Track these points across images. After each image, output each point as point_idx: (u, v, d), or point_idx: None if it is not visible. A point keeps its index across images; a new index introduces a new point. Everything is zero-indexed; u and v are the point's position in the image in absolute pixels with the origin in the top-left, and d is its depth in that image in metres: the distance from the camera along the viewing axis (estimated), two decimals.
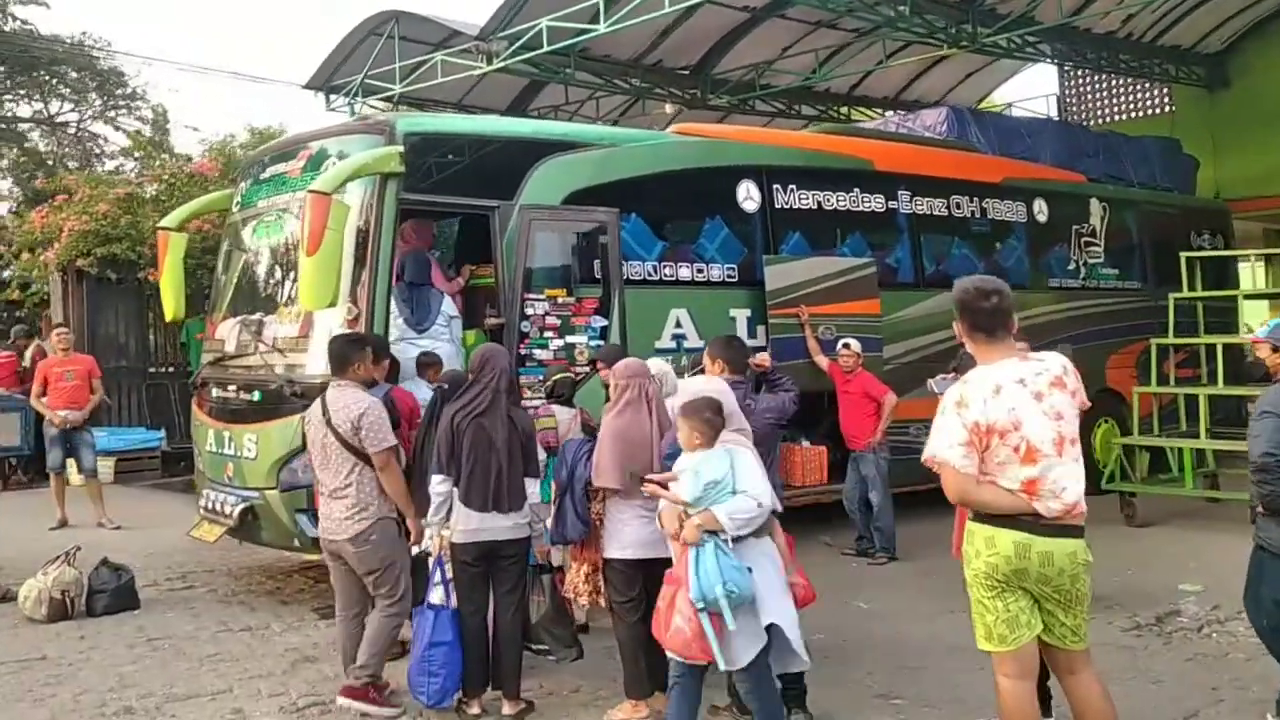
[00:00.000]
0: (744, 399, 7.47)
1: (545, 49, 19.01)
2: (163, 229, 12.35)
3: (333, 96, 23.75)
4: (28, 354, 18.11)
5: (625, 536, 7.19)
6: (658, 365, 8.02)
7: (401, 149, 10.44)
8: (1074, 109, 28.20)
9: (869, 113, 26.07)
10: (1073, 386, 5.52)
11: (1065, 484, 5.36)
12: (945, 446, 5.38)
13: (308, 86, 24.03)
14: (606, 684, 7.90)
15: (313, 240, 9.54)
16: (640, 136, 13.40)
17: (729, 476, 6.33)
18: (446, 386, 8.40)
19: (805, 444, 12.97)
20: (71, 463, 14.93)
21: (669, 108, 24.07)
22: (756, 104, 24.89)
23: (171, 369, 20.86)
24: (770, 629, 6.29)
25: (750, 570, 6.16)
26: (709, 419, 6.50)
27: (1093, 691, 5.67)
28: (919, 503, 12.21)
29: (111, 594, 10.37)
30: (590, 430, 8.50)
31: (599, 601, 7.68)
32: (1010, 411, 5.32)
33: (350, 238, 10.21)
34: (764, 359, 9.81)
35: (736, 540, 6.23)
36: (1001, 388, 5.36)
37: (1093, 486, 7.09)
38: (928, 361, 13.71)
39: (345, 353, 7.99)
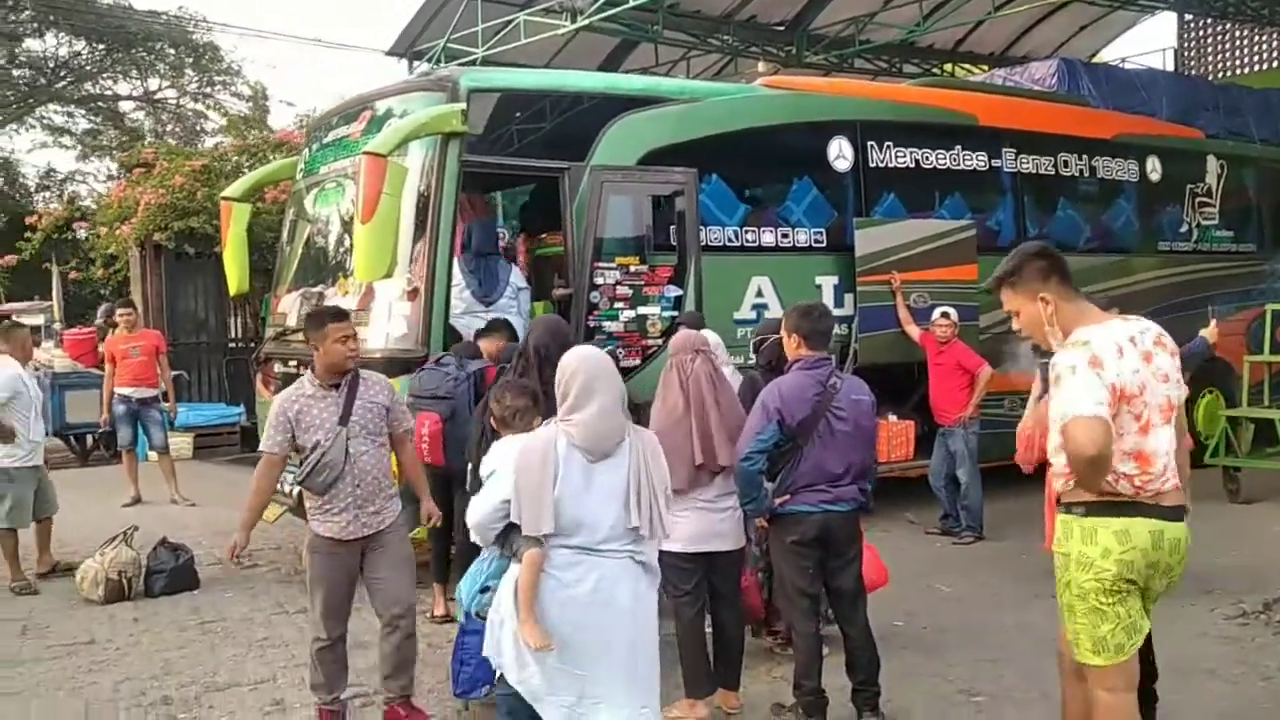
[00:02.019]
0: (828, 379, 6.55)
1: (631, 4, 18.33)
2: (226, 199, 11.96)
3: (416, 63, 23.29)
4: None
5: (681, 530, 6.52)
6: (712, 337, 7.36)
7: (464, 107, 9.86)
8: (1192, 62, 27.07)
9: (975, 69, 25.35)
10: (1172, 348, 4.83)
11: (1169, 456, 4.71)
12: (1093, 401, 4.49)
13: (390, 53, 23.68)
14: (665, 676, 7.26)
15: (368, 206, 9.04)
16: (724, 90, 12.61)
17: None
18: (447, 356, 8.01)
19: (892, 418, 12.21)
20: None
21: (762, 66, 23.35)
22: (855, 62, 24.21)
23: (251, 344, 20.36)
24: None
25: None
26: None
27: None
28: (1008, 480, 11.51)
29: (169, 574, 10.07)
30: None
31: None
32: (1135, 374, 4.62)
33: (409, 203, 9.67)
34: None
35: None
36: (1122, 348, 4.63)
37: (1194, 460, 6.29)
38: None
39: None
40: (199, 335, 19.92)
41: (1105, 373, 4.53)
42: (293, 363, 10.68)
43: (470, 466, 6.88)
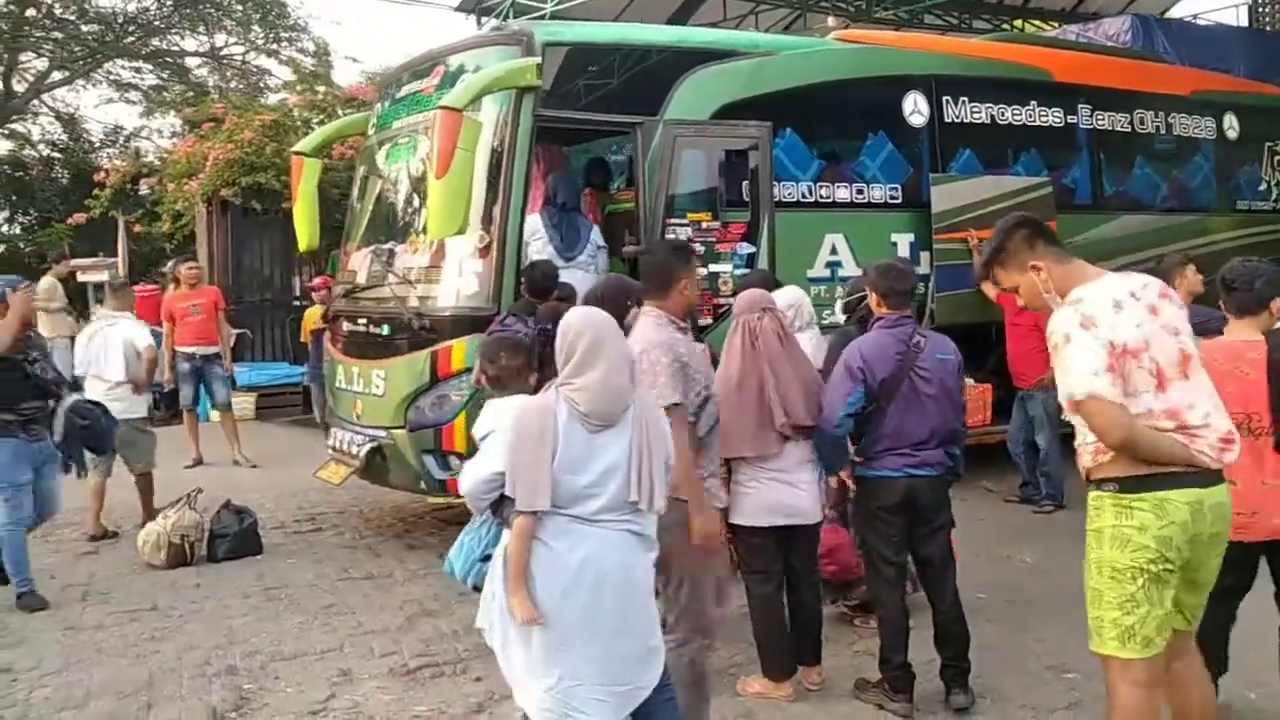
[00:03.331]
0: (911, 337, 6.35)
1: None
2: (297, 153, 11.90)
3: (484, 19, 23.13)
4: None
5: (753, 501, 6.38)
6: (790, 295, 7.17)
7: (539, 61, 9.72)
8: (1267, 18, 26.46)
9: (1045, 25, 24.93)
10: (1178, 301, 4.60)
11: (1205, 408, 4.43)
12: (1089, 374, 4.31)
13: (459, 9, 23.47)
14: (740, 650, 7.18)
15: (442, 161, 8.89)
16: (797, 44, 12.40)
17: None
18: (550, 326, 7.75)
19: (969, 381, 11.92)
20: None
21: (832, 21, 23.09)
22: (925, 17, 23.91)
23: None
24: None
25: None
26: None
27: (1201, 678, 4.87)
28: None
29: (233, 538, 9.98)
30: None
31: (733, 571, 6.90)
32: (1138, 328, 4.38)
33: (483, 158, 9.55)
34: None
35: None
36: (1120, 303, 4.41)
37: None
38: None
39: (666, 264, 6.13)
40: (263, 293, 19.84)
41: (1100, 330, 4.34)
42: (361, 320, 10.58)
43: None
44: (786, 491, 6.34)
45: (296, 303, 20.11)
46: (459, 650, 7.50)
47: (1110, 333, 4.33)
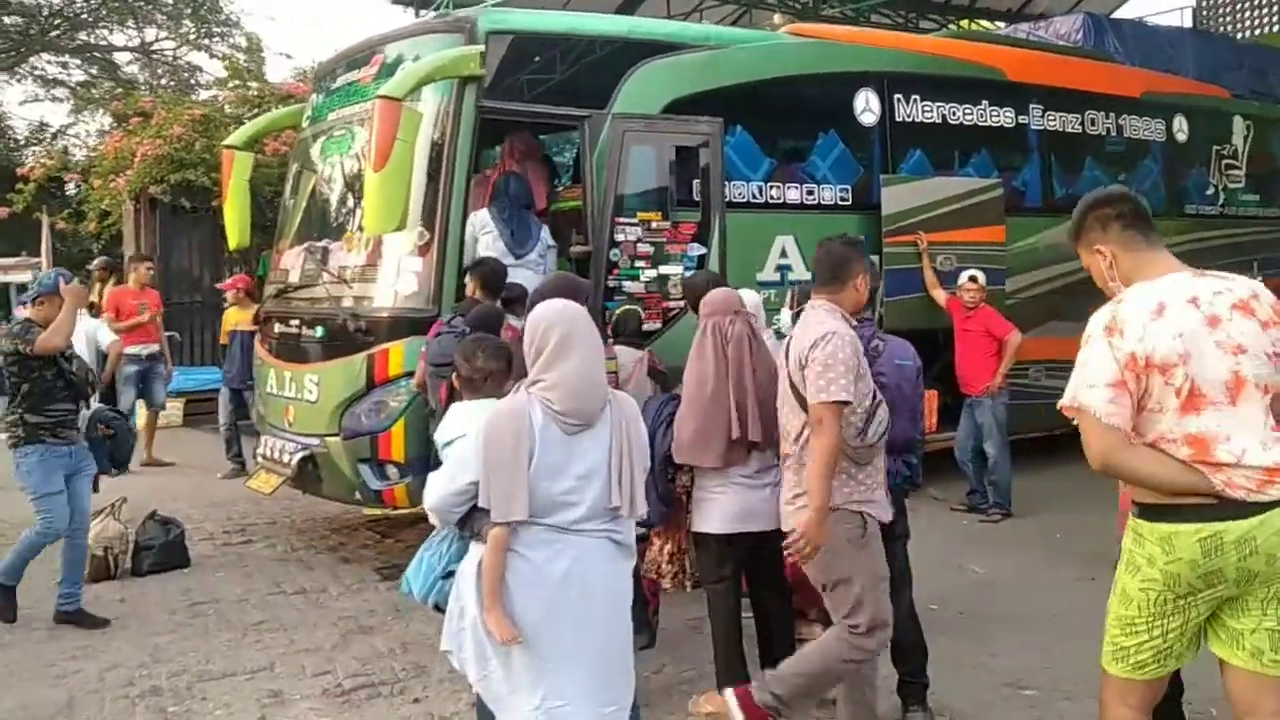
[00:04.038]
0: (869, 341, 5.91)
1: None
2: (228, 147, 11.51)
3: (423, 12, 22.78)
4: (105, 288, 17.22)
5: (719, 509, 6.08)
6: (748, 299, 6.85)
7: (483, 49, 9.39)
8: (1210, 22, 26.59)
9: (992, 25, 25.05)
10: (1265, 316, 4.05)
11: (1245, 444, 3.92)
12: (1086, 385, 4.01)
13: (397, 1, 23.12)
14: (691, 665, 6.96)
15: (380, 153, 8.54)
16: (749, 38, 12.05)
17: None
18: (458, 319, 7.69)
19: None
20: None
21: (778, 19, 22.82)
22: (872, 16, 23.97)
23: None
24: None
25: None
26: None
27: None
28: (1036, 451, 11.01)
29: (159, 551, 9.58)
30: (658, 375, 7.74)
31: (684, 584, 6.70)
32: (1177, 339, 3.94)
33: (423, 151, 9.20)
34: None
35: None
36: (1166, 307, 3.99)
37: None
38: (1054, 295, 12.61)
39: (837, 260, 5.72)
40: (193, 295, 19.25)
41: (1124, 339, 3.97)
42: (294, 322, 10.20)
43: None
44: (749, 497, 6.04)
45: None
46: (396, 670, 7.17)
47: (1135, 343, 3.96)
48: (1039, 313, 12.28)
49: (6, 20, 33.80)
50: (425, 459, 8.77)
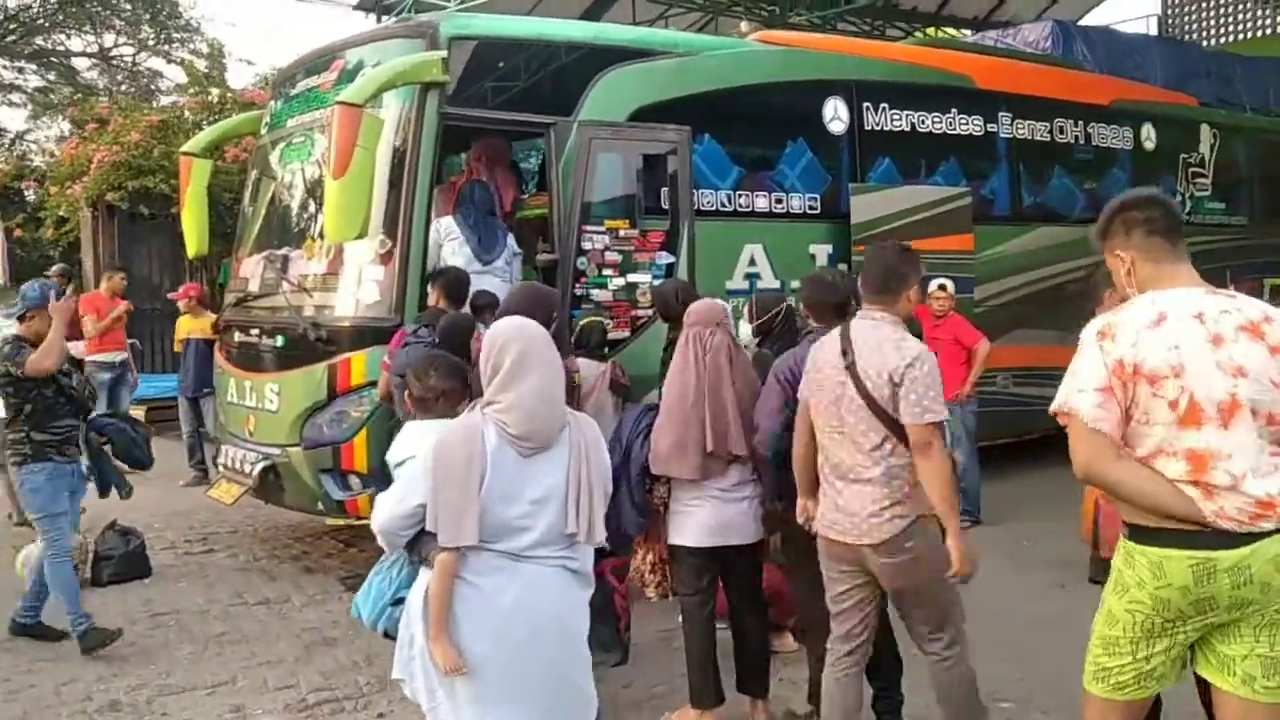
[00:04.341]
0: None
1: None
2: (185, 154, 11.29)
3: (385, 18, 22.64)
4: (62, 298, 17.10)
5: (695, 521, 5.99)
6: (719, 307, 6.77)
7: (445, 54, 9.21)
8: (1175, 30, 26.64)
9: (957, 34, 25.04)
10: (1275, 341, 3.86)
11: (1246, 471, 3.76)
12: (1075, 389, 3.89)
13: (359, 8, 23.02)
14: (662, 679, 6.84)
15: (340, 160, 8.38)
16: (718, 44, 11.90)
17: None
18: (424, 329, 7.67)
19: None
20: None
21: (745, 26, 22.83)
22: (838, 24, 23.92)
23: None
24: None
25: None
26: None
27: None
28: (1004, 459, 10.88)
29: (119, 561, 9.50)
30: (620, 389, 7.68)
31: (668, 593, 6.61)
32: (1172, 350, 3.80)
33: (384, 158, 9.07)
34: None
35: None
36: (1166, 318, 3.85)
37: None
38: (1021, 304, 12.67)
39: (895, 268, 5.49)
40: (152, 302, 18.84)
41: (1115, 345, 3.85)
42: (254, 331, 10.04)
43: None
44: (725, 511, 5.97)
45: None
46: (360, 684, 7.06)
47: (1126, 349, 3.84)
48: (1006, 321, 12.23)
49: None
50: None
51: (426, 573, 4.40)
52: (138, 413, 16.30)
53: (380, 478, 8.67)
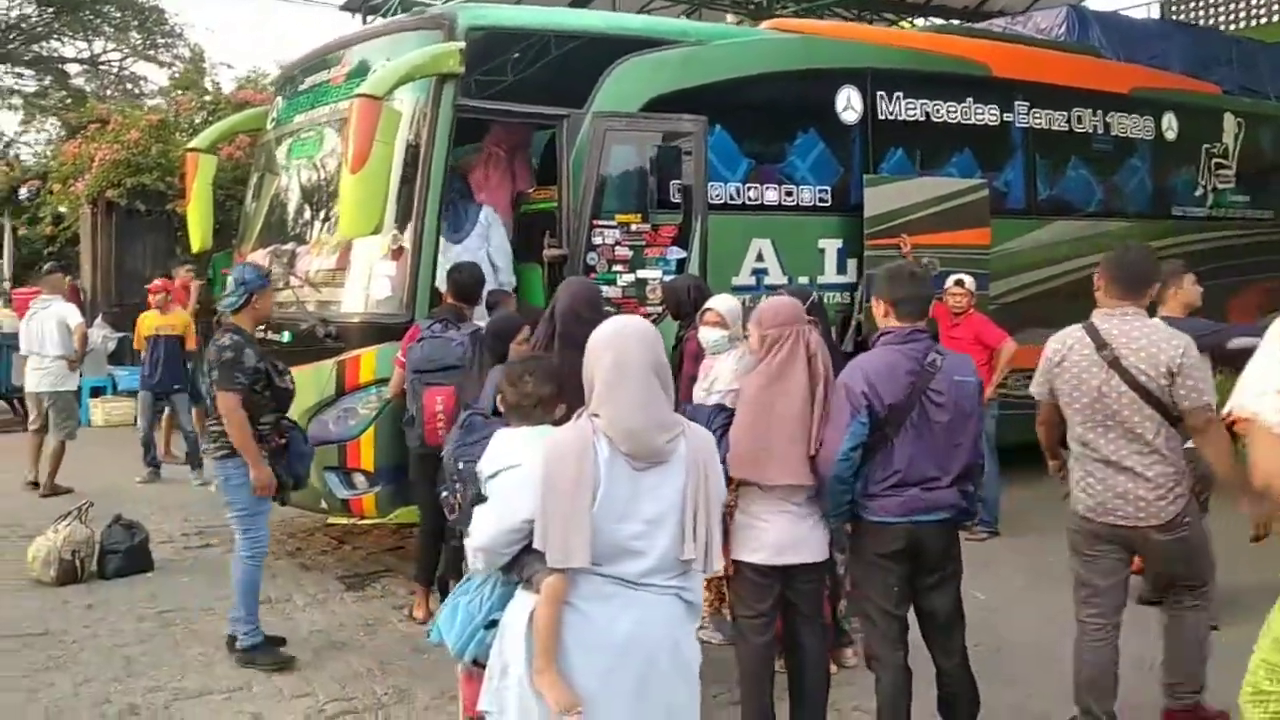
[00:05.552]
0: (925, 355, 5.40)
1: None
2: (192, 150, 11.35)
3: (370, 18, 22.48)
4: None
5: (765, 537, 5.48)
6: (729, 303, 6.65)
7: (462, 45, 9.04)
8: (1181, 16, 26.26)
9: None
10: None
11: None
12: (1254, 392, 3.60)
13: (345, 8, 22.85)
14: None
15: (358, 155, 8.27)
16: (730, 33, 11.73)
17: None
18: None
19: None
20: None
21: (731, 19, 22.52)
22: (824, 15, 23.41)
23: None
24: None
25: None
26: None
27: None
28: (1016, 466, 10.48)
29: (124, 555, 9.47)
30: None
31: (722, 611, 6.28)
32: None
33: (399, 152, 8.89)
34: None
35: None
36: None
37: None
38: (1035, 301, 12.36)
39: (1147, 267, 5.96)
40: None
41: None
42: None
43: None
44: (798, 526, 5.48)
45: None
46: (378, 693, 6.84)
47: None
48: (1020, 319, 11.70)
49: None
50: (396, 468, 8.60)
51: (526, 596, 4.07)
52: (127, 406, 17.08)
53: (387, 476, 8.58)
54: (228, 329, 7.31)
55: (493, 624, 4.37)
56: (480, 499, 4.46)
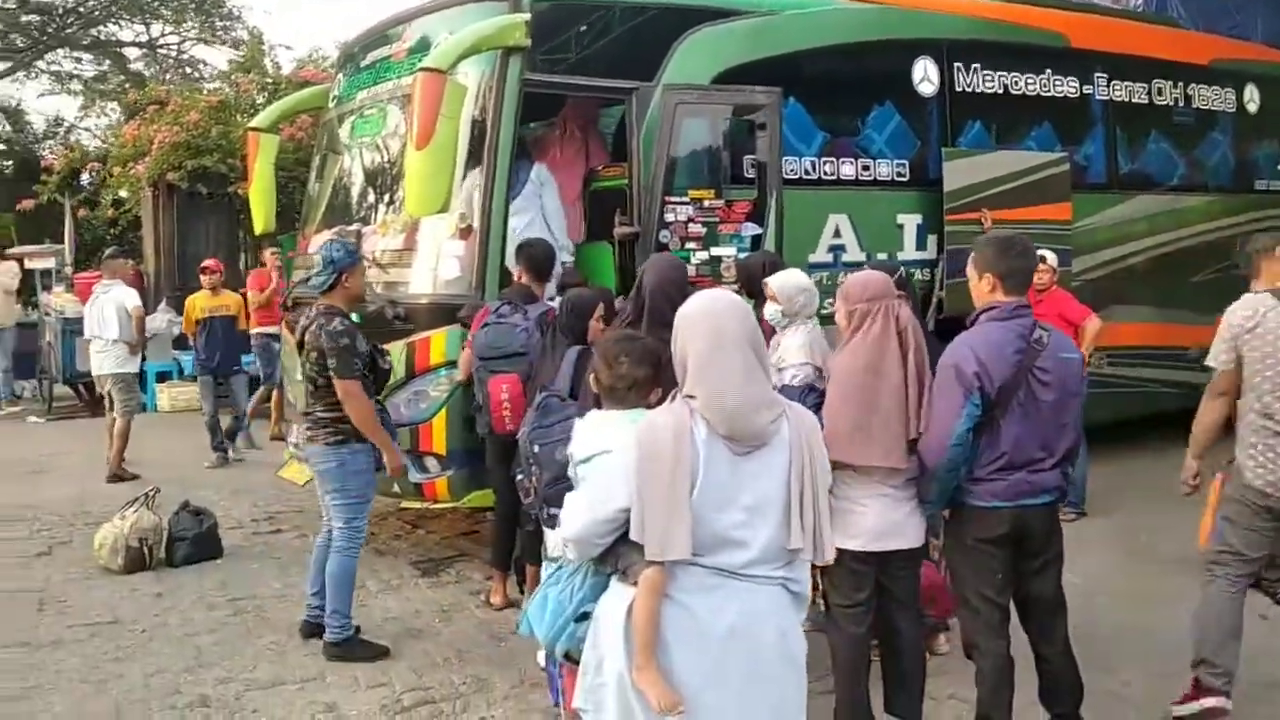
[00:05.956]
0: (1031, 332, 5.15)
1: None
2: (253, 129, 11.14)
3: None
4: None
5: (863, 522, 5.22)
6: (798, 279, 6.40)
7: (528, 17, 8.79)
8: None
9: None
10: None
11: None
12: None
13: None
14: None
15: (424, 130, 8.03)
16: (804, 3, 11.36)
17: None
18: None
19: None
20: None
21: None
22: None
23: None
24: None
25: None
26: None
27: None
28: (1101, 446, 10.29)
29: (192, 542, 9.39)
30: None
31: (814, 599, 5.91)
32: None
33: (465, 127, 8.65)
34: None
35: None
36: None
37: None
38: (1115, 278, 12.06)
39: None
40: None
41: None
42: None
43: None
44: (896, 511, 5.25)
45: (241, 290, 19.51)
46: (456, 683, 6.67)
47: None
48: (1102, 296, 11.43)
49: (24, 19, 34.29)
50: (469, 452, 8.44)
51: (621, 588, 3.83)
52: (191, 390, 17.04)
53: (460, 459, 8.39)
54: (331, 312, 7.04)
55: (584, 616, 4.10)
56: (557, 481, 4.35)
